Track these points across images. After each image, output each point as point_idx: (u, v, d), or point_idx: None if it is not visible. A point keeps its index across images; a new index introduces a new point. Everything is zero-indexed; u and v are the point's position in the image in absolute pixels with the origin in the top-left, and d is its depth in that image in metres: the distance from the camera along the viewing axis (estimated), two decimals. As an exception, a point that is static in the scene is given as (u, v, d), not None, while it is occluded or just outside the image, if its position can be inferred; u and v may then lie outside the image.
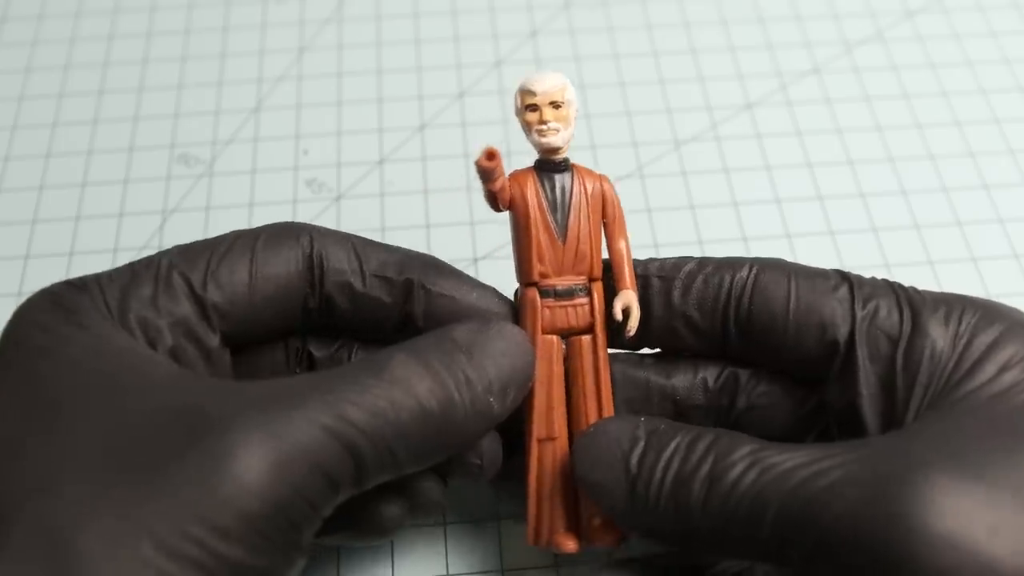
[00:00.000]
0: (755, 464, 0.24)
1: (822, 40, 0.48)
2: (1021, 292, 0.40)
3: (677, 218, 0.42)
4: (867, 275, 0.39)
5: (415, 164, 0.44)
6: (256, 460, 0.22)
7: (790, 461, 0.24)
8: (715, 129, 0.45)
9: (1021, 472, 0.23)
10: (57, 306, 0.26)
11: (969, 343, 0.27)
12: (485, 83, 0.46)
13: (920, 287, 0.39)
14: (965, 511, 0.22)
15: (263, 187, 0.43)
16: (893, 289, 0.29)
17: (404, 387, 0.25)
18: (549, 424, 0.29)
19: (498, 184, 0.28)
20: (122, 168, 0.44)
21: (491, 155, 0.27)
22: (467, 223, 0.41)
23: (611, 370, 0.30)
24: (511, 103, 0.30)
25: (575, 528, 0.29)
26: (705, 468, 0.25)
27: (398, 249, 0.30)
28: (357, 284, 0.29)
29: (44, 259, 0.41)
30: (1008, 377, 0.26)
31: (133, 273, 0.28)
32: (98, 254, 0.41)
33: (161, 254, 0.28)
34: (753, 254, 0.40)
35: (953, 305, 0.28)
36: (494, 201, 0.29)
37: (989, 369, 0.26)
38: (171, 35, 0.49)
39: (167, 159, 0.44)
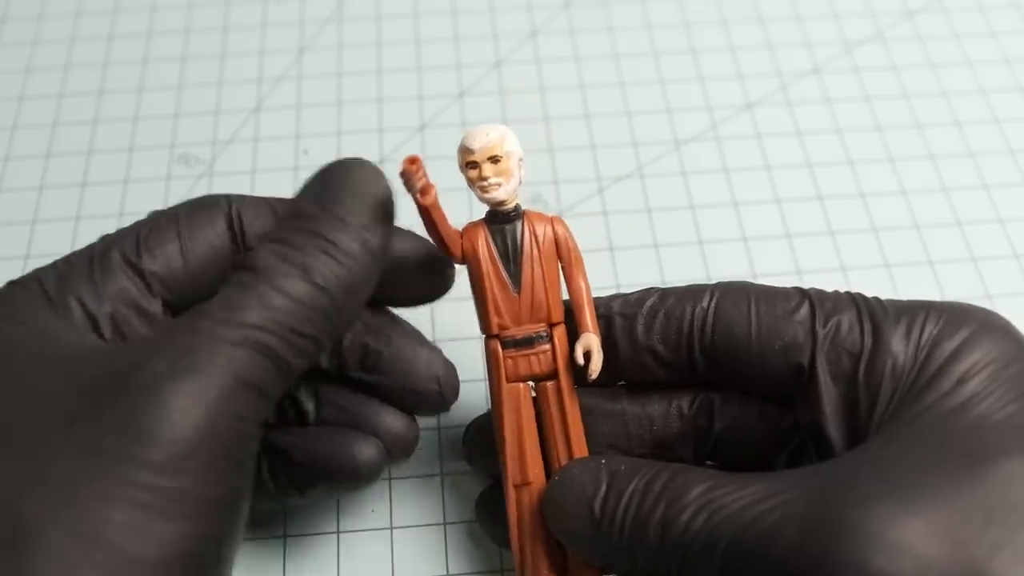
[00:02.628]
0: (705, 506, 0.25)
1: (822, 40, 0.48)
2: (1021, 292, 0.40)
3: (677, 218, 0.42)
4: (867, 275, 0.40)
5: (415, 164, 0.44)
6: (178, 394, 0.23)
7: (739, 500, 0.25)
8: (715, 129, 0.45)
9: (962, 500, 0.23)
10: None
11: (930, 354, 0.27)
12: (485, 83, 0.46)
13: (920, 287, 0.40)
14: (899, 548, 0.22)
15: (263, 187, 0.43)
16: (855, 303, 0.28)
17: (282, 274, 0.25)
18: (523, 470, 0.30)
19: (427, 196, 0.27)
20: (122, 168, 0.44)
21: (412, 160, 0.27)
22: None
23: (587, 405, 0.30)
24: (511, 103, 0.30)
25: (560, 567, 0.30)
26: (659, 512, 0.26)
27: None
28: None
29: (44, 259, 0.40)
30: (967, 388, 0.26)
31: (69, 259, 0.29)
32: (98, 254, 0.41)
33: (94, 242, 0.29)
34: (753, 254, 0.41)
35: (915, 315, 0.27)
36: (444, 247, 0.29)
37: (947, 381, 0.26)
38: (171, 35, 0.49)
39: (167, 159, 0.44)
